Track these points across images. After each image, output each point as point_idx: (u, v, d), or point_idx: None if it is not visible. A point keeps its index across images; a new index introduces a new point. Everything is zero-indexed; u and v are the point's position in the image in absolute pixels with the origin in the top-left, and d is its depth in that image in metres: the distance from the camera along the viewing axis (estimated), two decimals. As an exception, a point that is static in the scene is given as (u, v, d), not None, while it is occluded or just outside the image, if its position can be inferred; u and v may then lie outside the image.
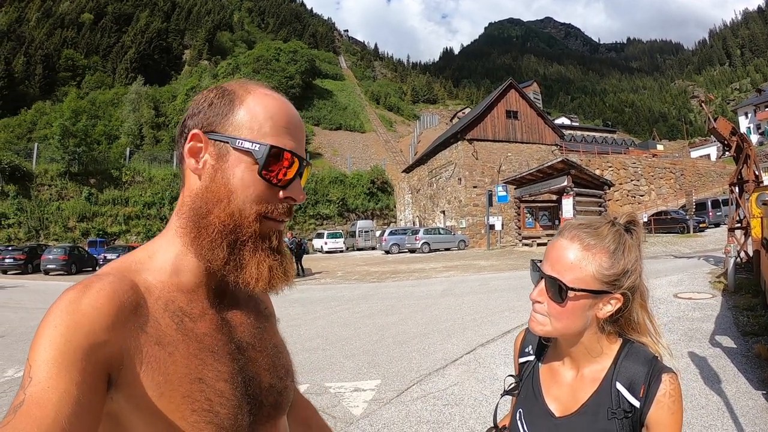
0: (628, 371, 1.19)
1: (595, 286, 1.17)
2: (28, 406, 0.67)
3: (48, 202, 41.20)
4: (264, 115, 0.93)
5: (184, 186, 0.97)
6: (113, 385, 0.78)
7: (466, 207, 37.71)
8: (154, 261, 0.93)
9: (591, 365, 1.26)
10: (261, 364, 1.00)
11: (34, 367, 0.71)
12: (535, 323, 1.23)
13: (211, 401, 0.85)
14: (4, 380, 6.93)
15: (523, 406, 1.35)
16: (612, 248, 1.19)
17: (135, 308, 0.83)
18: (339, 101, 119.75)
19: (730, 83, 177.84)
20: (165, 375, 0.82)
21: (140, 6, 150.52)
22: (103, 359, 0.75)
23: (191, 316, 0.91)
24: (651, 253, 21.71)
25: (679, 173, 46.97)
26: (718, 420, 4.55)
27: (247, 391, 0.93)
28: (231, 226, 0.91)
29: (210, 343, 0.90)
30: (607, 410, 1.17)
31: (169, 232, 0.96)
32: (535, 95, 67.85)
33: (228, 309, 1.00)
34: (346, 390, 5.93)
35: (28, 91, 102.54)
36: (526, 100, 40.82)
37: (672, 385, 1.14)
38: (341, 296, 14.92)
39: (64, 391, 0.69)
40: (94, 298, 0.78)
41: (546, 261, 1.23)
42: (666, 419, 1.12)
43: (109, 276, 0.85)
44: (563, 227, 1.26)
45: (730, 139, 13.71)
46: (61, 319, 0.75)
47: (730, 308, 9.05)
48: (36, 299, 16.80)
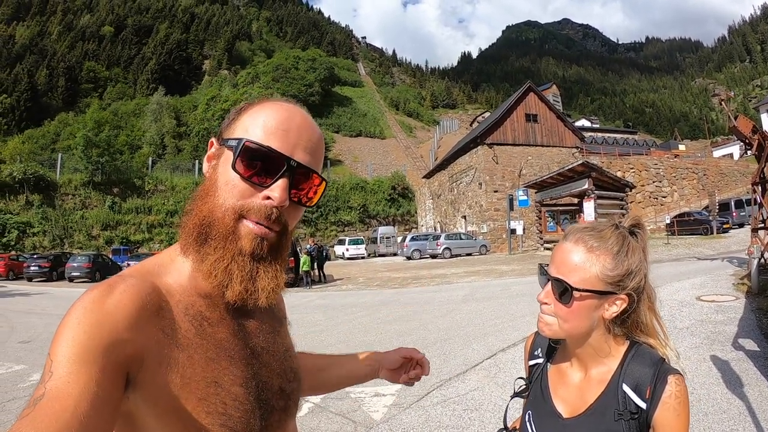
0: (635, 373, 1.21)
1: (600, 286, 1.20)
2: (47, 400, 0.67)
3: (72, 211, 41.88)
4: (260, 119, 0.96)
5: None
6: (131, 384, 0.79)
7: (487, 212, 37.61)
8: (175, 264, 0.96)
9: (598, 367, 1.28)
10: (273, 368, 1.02)
11: (55, 362, 0.72)
12: (543, 324, 1.26)
13: (226, 404, 0.87)
14: (30, 384, 7.05)
15: (532, 407, 1.38)
16: (615, 250, 1.22)
17: (157, 310, 0.85)
18: (358, 108, 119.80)
19: (751, 80, 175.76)
20: (182, 377, 0.83)
21: (159, 18, 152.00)
22: (123, 358, 0.76)
23: (210, 320, 0.93)
24: (674, 255, 21.48)
25: (701, 173, 46.35)
26: (740, 424, 4.49)
27: (259, 395, 0.94)
28: (208, 220, 0.93)
29: (227, 348, 0.92)
30: (614, 411, 1.19)
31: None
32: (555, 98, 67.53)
33: (244, 314, 1.01)
34: (367, 395, 5.94)
35: (51, 102, 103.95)
36: (545, 103, 40.67)
37: (678, 387, 1.16)
38: (363, 302, 14.95)
39: (83, 386, 0.69)
40: (118, 298, 0.79)
41: (552, 264, 1.27)
42: (672, 421, 1.14)
43: (132, 278, 0.86)
44: (568, 231, 1.30)
45: (752, 138, 13.52)
46: (85, 316, 0.76)
47: (754, 311, 8.94)
48: (61, 306, 17.00)
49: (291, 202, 0.96)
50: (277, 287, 0.97)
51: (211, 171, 0.98)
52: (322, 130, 1.05)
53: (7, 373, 7.79)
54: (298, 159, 0.95)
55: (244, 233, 0.93)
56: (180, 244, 0.97)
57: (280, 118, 0.96)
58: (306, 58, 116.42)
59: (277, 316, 1.15)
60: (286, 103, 1.01)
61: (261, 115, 0.97)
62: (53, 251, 35.96)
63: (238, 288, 0.92)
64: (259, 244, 0.94)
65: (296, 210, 1.01)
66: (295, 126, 0.97)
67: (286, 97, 1.06)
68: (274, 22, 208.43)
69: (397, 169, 66.71)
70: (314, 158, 1.00)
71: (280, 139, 0.94)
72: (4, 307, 16.44)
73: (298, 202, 0.99)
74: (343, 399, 5.83)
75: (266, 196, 0.92)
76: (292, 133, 0.96)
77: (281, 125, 0.95)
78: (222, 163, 0.96)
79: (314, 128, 1.02)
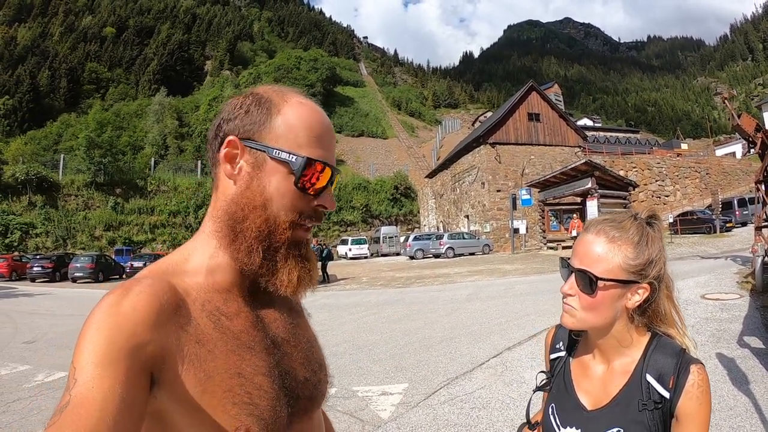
0: (658, 363, 1.23)
1: (623, 276, 1.22)
2: (73, 407, 0.68)
3: (75, 211, 41.97)
4: (300, 125, 0.96)
5: (217, 189, 1.01)
6: (156, 383, 0.80)
7: (490, 211, 37.58)
8: (190, 263, 0.97)
9: (621, 358, 1.30)
10: (296, 358, 1.03)
11: (78, 368, 0.73)
12: (567, 317, 1.28)
13: (251, 394, 0.88)
14: (34, 384, 7.08)
15: (555, 400, 1.39)
16: (636, 239, 1.25)
17: (175, 309, 0.85)
18: (360, 108, 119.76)
19: (753, 78, 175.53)
20: (206, 371, 0.84)
21: (161, 18, 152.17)
22: (146, 359, 0.77)
23: (227, 314, 0.94)
24: (677, 254, 21.46)
25: (704, 172, 46.34)
26: (747, 421, 4.52)
27: (284, 384, 0.96)
28: (266, 232, 0.94)
29: (246, 340, 0.93)
30: (638, 402, 1.21)
31: (203, 234, 1.01)
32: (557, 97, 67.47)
33: (262, 306, 1.03)
34: (374, 394, 5.98)
35: (53, 104, 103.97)
36: (547, 102, 40.61)
37: (700, 376, 1.18)
38: (367, 301, 14.97)
39: (108, 390, 0.70)
40: (135, 300, 0.79)
41: (575, 256, 1.29)
42: (695, 409, 1.15)
43: (148, 279, 0.87)
44: (589, 224, 1.32)
45: (755, 136, 13.50)
46: (103, 321, 0.76)
47: (758, 308, 8.94)
48: (64, 306, 17.10)
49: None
50: (317, 276, 1.06)
51: (249, 179, 0.97)
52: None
53: (11, 373, 7.81)
54: (334, 164, 1.01)
55: (299, 237, 0.99)
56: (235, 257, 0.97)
57: (322, 125, 1.00)
58: (308, 59, 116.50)
59: (295, 308, 1.16)
60: (310, 101, 1.03)
61: (300, 121, 0.98)
62: (56, 252, 36.08)
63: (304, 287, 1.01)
64: (307, 243, 1.02)
65: None
66: (329, 131, 1.02)
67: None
68: (275, 23, 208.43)
69: (399, 169, 66.80)
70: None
71: (327, 149, 0.99)
72: (8, 308, 16.44)
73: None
74: (350, 398, 5.85)
75: (321, 205, 0.99)
76: (330, 139, 1.01)
77: (324, 132, 1.00)
78: (268, 173, 0.96)
79: (331, 125, 1.06)
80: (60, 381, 7.12)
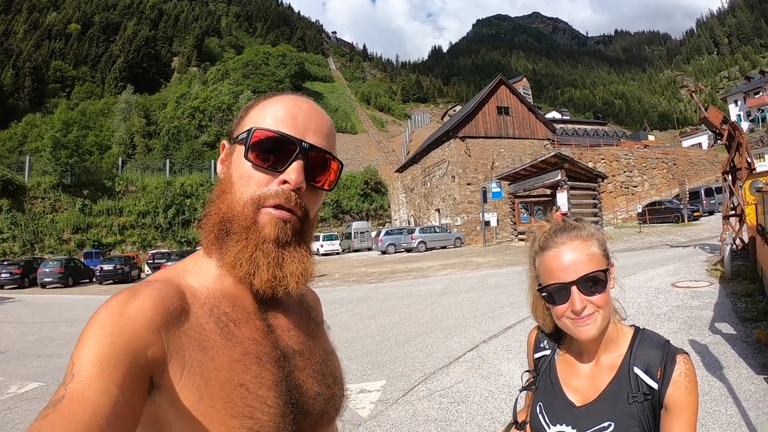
0: (644, 356, 1.25)
1: (606, 261, 1.28)
2: (68, 401, 0.68)
3: (42, 214, 41.03)
4: (269, 110, 0.96)
5: None
6: (156, 387, 0.79)
7: (460, 204, 37.74)
8: (199, 268, 0.96)
9: (607, 353, 1.31)
10: (308, 372, 0.99)
11: (77, 365, 0.72)
12: (590, 328, 1.23)
13: (253, 408, 0.84)
14: (6, 397, 6.83)
15: (542, 399, 1.38)
16: (591, 229, 1.31)
17: (180, 313, 0.85)
18: (329, 103, 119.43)
19: (718, 72, 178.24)
20: (206, 379, 0.82)
21: (127, 14, 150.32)
22: (146, 362, 0.77)
23: (235, 321, 0.91)
24: (647, 243, 21.79)
25: (671, 163, 47.13)
26: (722, 405, 4.61)
27: (291, 399, 0.92)
28: (227, 216, 0.93)
29: (254, 349, 0.90)
30: (628, 395, 1.22)
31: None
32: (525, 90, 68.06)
33: (275, 315, 1.00)
34: (352, 392, 5.89)
35: (17, 104, 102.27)
36: (516, 96, 40.93)
37: (686, 365, 1.20)
38: (341, 298, 14.88)
39: (104, 390, 0.70)
40: (141, 302, 0.80)
41: (562, 273, 1.25)
42: (683, 398, 1.17)
43: (157, 282, 0.87)
44: (549, 243, 1.30)
45: (722, 128, 13.77)
46: (108, 321, 0.76)
47: (728, 295, 9.12)
48: (34, 313, 16.73)
49: (309, 186, 0.96)
50: (305, 272, 0.96)
51: (225, 170, 0.98)
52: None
53: (-19, 386, 7.56)
54: (309, 141, 0.95)
55: (266, 220, 0.91)
56: (203, 246, 0.97)
57: (288, 107, 0.97)
58: (276, 54, 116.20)
59: (313, 319, 1.13)
60: (292, 94, 1.01)
61: (268, 108, 0.97)
62: (24, 257, 35.33)
63: (266, 275, 0.91)
64: (282, 228, 0.92)
65: (316, 195, 1.00)
66: (303, 112, 0.97)
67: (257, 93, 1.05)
68: (243, 18, 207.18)
69: (369, 164, 66.63)
70: (327, 142, 1.00)
71: (290, 125, 0.94)
72: (-25, 316, 15.98)
73: (315, 186, 0.98)
74: (328, 396, 5.80)
75: (282, 180, 0.92)
76: (300, 118, 0.96)
77: (289, 112, 0.96)
78: (235, 158, 0.96)
79: (324, 115, 1.02)
80: (34, 392, 6.94)
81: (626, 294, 9.93)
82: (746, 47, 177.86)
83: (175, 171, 51.34)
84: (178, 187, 47.23)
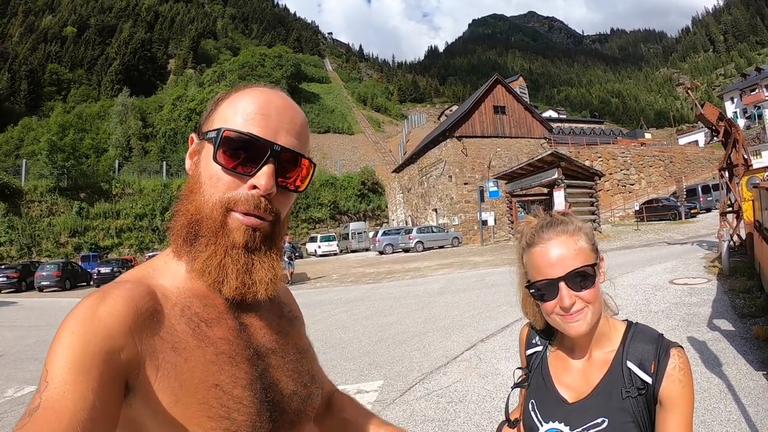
0: (638, 350, 1.23)
1: (594, 256, 1.26)
2: (43, 410, 0.66)
3: (39, 218, 41.11)
4: (239, 106, 0.92)
5: None
6: (132, 391, 0.78)
7: (457, 204, 37.76)
8: (170, 267, 0.94)
9: (600, 349, 1.29)
10: (283, 370, 0.98)
11: (51, 371, 0.71)
12: (579, 324, 1.22)
13: (228, 408, 0.84)
14: (4, 400, 6.83)
15: (534, 396, 1.36)
16: (578, 223, 1.29)
17: (151, 314, 0.83)
18: (326, 104, 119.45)
19: (714, 69, 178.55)
20: (180, 381, 0.81)
21: (123, 17, 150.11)
22: (120, 365, 0.75)
23: (207, 321, 0.89)
24: (644, 240, 21.79)
25: (668, 161, 47.11)
26: (721, 402, 4.58)
27: (266, 397, 0.90)
28: (195, 218, 0.90)
29: (227, 349, 0.89)
30: (621, 390, 1.20)
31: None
32: (522, 90, 67.85)
33: (247, 313, 0.98)
34: (349, 392, 5.87)
35: (13, 107, 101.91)
36: (512, 95, 41.01)
37: (681, 359, 1.18)
38: (338, 299, 14.87)
39: (79, 396, 0.68)
40: (111, 305, 0.78)
41: (550, 268, 1.23)
42: (678, 392, 1.15)
43: (127, 283, 0.85)
44: (536, 239, 1.28)
45: (718, 125, 13.76)
46: (79, 325, 0.75)
47: (726, 292, 9.09)
48: (32, 317, 16.69)
49: (280, 188, 0.93)
50: (275, 278, 0.94)
51: (194, 167, 0.95)
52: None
53: (-22, 390, 7.52)
54: (281, 143, 0.92)
55: (235, 226, 0.90)
56: (171, 246, 0.94)
57: (260, 103, 0.92)
58: (272, 55, 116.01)
59: (286, 316, 1.10)
60: (264, 87, 0.97)
61: (239, 102, 0.93)
62: (21, 261, 35.22)
63: (234, 283, 0.89)
64: (252, 235, 0.91)
65: (287, 197, 0.97)
66: (276, 110, 0.93)
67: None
68: (239, 20, 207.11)
69: (366, 165, 66.82)
70: (299, 141, 0.96)
71: (261, 125, 0.91)
72: (-28, 321, 15.92)
73: (286, 188, 0.95)
74: (324, 396, 5.77)
75: (252, 186, 0.90)
76: (272, 117, 0.92)
77: (261, 110, 0.92)
78: (204, 157, 0.93)
79: (296, 110, 0.98)
80: (31, 395, 6.79)
81: (624, 291, 9.98)
82: (742, 44, 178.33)
83: (172, 173, 51.37)
84: (175, 189, 46.98)
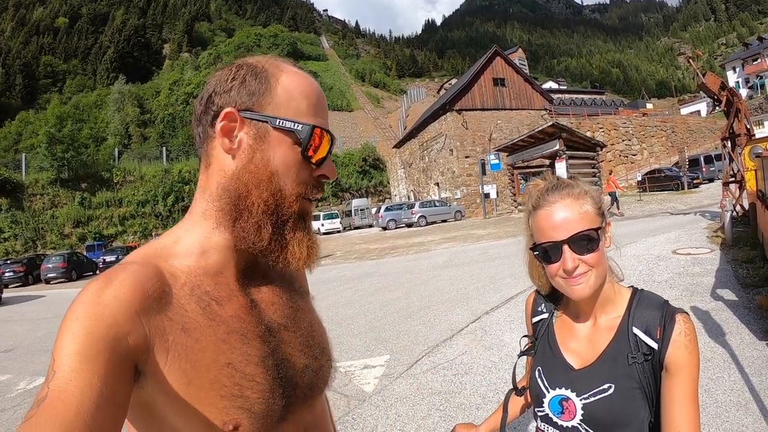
0: (644, 316, 1.22)
1: (600, 220, 1.26)
2: (51, 400, 0.66)
3: (42, 211, 41.23)
4: (299, 93, 0.94)
5: (210, 166, 0.94)
6: (142, 374, 0.77)
7: (459, 177, 37.71)
8: (180, 245, 0.91)
9: (605, 315, 1.29)
10: (294, 345, 0.98)
11: (57, 360, 0.70)
12: (582, 287, 1.22)
13: (241, 386, 0.84)
14: (16, 393, 6.88)
15: (541, 363, 1.37)
16: (585, 187, 1.28)
17: (159, 296, 0.81)
18: (324, 82, 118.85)
19: (716, 38, 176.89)
20: (192, 362, 0.81)
21: (115, 4, 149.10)
22: (128, 350, 0.74)
23: (218, 299, 0.89)
24: (647, 211, 21.76)
25: (670, 131, 46.86)
26: (725, 372, 4.60)
27: (279, 373, 0.91)
28: (274, 206, 0.91)
29: (238, 327, 0.88)
30: (627, 355, 1.20)
31: (194, 215, 0.95)
32: (521, 61, 67.46)
33: (258, 289, 0.98)
34: (356, 368, 5.96)
35: (10, 102, 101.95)
36: (512, 67, 40.73)
37: (686, 324, 1.17)
38: (343, 276, 14.89)
39: (87, 384, 0.67)
40: (117, 288, 0.76)
41: (554, 231, 1.24)
42: (684, 358, 1.15)
43: (133, 264, 0.83)
44: (542, 201, 1.28)
45: (720, 94, 13.66)
46: (84, 311, 0.73)
47: (729, 262, 9.08)
48: (40, 309, 16.74)
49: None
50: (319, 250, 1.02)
51: (251, 152, 0.92)
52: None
53: (-8, 383, 7.58)
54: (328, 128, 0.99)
55: (305, 211, 0.97)
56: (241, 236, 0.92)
57: (318, 93, 0.98)
58: (268, 35, 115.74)
59: (297, 290, 1.10)
60: (302, 71, 1.00)
61: (299, 89, 0.95)
62: (27, 254, 35.44)
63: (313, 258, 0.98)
64: (310, 216, 1.00)
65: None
66: (323, 98, 1.00)
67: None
68: (233, 0, 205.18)
69: (366, 141, 66.65)
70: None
71: (324, 117, 0.98)
72: (-19, 317, 15.94)
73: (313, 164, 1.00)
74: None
75: (324, 175, 0.98)
76: (325, 107, 0.99)
77: (321, 101, 0.98)
78: (272, 145, 0.92)
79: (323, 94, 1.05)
80: (43, 387, 6.94)
81: (627, 262, 9.98)
82: (744, 14, 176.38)
83: (172, 158, 51.31)
84: (176, 174, 47.23)
